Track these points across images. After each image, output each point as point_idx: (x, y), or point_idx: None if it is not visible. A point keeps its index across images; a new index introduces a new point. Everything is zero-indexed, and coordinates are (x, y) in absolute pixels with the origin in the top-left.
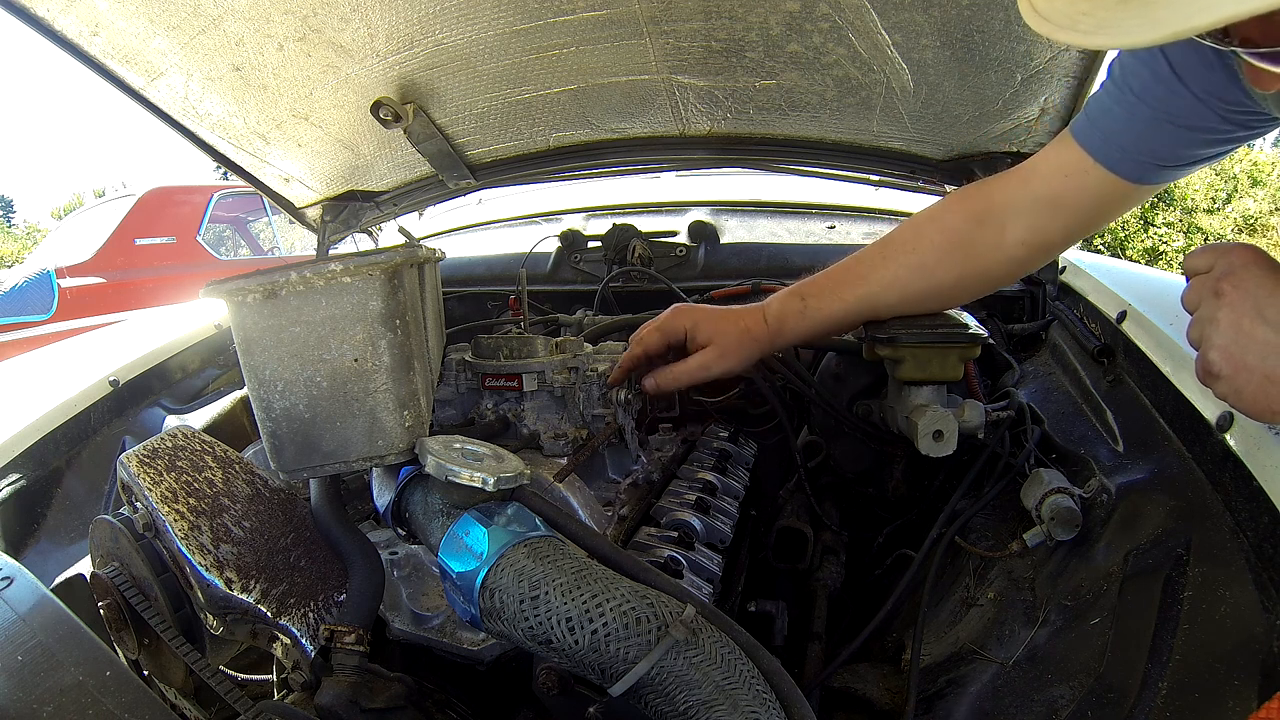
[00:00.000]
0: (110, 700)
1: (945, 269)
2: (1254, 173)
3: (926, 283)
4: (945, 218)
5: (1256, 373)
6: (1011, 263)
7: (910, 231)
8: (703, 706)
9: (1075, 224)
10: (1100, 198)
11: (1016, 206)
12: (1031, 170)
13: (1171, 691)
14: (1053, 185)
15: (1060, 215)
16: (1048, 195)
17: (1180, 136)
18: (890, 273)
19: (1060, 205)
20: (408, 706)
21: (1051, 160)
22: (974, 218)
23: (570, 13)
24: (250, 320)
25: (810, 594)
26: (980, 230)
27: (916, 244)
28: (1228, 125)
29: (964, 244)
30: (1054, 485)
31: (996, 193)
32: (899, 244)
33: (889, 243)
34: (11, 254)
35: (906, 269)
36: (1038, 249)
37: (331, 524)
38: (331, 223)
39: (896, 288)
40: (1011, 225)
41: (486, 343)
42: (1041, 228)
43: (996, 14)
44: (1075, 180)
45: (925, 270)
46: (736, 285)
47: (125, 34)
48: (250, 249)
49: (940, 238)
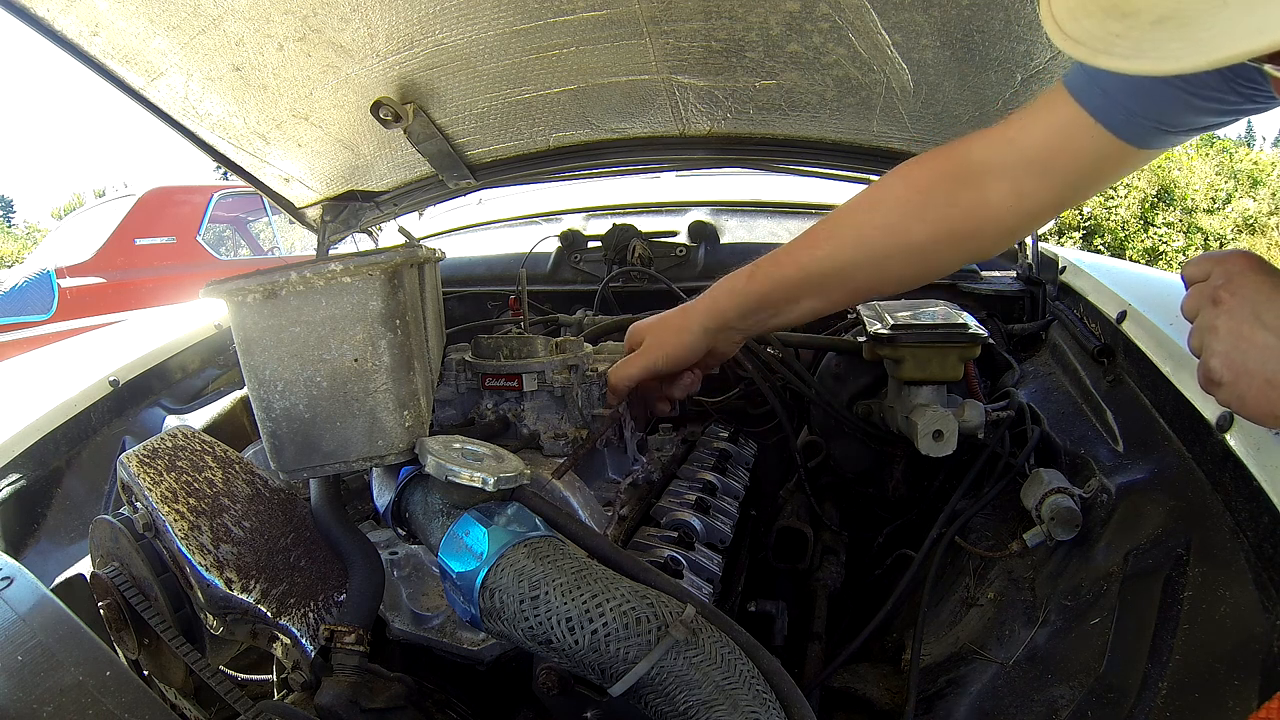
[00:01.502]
0: (110, 700)
1: (916, 228)
2: (1254, 173)
3: (894, 242)
4: (915, 174)
5: (1257, 377)
6: (998, 227)
7: (875, 189)
8: (703, 706)
9: (1066, 188)
10: (1096, 159)
11: (1001, 167)
12: (1018, 130)
13: (1171, 691)
14: (1045, 145)
15: (1051, 177)
16: (1039, 157)
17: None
18: (852, 232)
19: (1051, 167)
20: (408, 706)
21: (1042, 119)
22: (950, 176)
23: (570, 13)
24: (250, 320)
25: (810, 594)
26: (958, 189)
27: (880, 201)
28: (1236, 97)
29: (938, 203)
30: (1054, 485)
31: (976, 151)
32: (862, 200)
33: (852, 201)
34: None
35: (872, 228)
36: (1025, 214)
37: (331, 524)
38: (331, 223)
39: (860, 249)
40: (995, 187)
41: (486, 343)
42: (1030, 190)
43: (996, 14)
44: (1069, 140)
45: (891, 230)
46: None
47: (125, 34)
48: (250, 249)
49: (909, 195)
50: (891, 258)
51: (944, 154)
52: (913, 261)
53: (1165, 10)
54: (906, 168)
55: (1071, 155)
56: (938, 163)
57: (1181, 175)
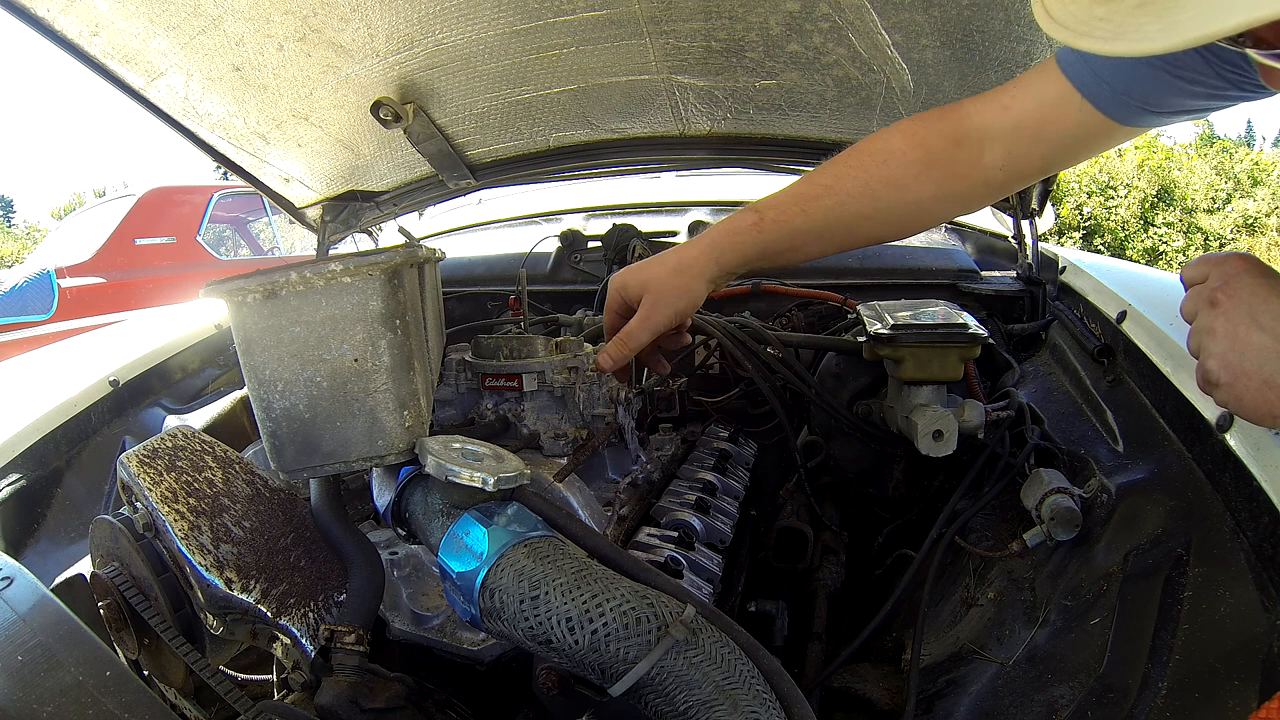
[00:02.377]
0: (110, 700)
1: (920, 185)
2: (1255, 173)
3: (900, 196)
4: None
5: (1255, 378)
6: (988, 185)
7: (877, 145)
8: (703, 706)
9: (1054, 155)
10: (1083, 132)
11: (996, 132)
12: (1012, 98)
13: (1171, 691)
14: (1036, 115)
15: (1040, 145)
16: (1030, 125)
17: (1172, 85)
18: (860, 184)
19: (1041, 135)
20: (408, 706)
21: (1035, 90)
22: (950, 138)
23: (570, 13)
24: (250, 320)
25: (810, 594)
26: (957, 150)
27: (888, 157)
28: (1220, 82)
29: (941, 162)
30: (1054, 485)
31: (974, 115)
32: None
33: (856, 153)
34: (11, 254)
35: (880, 182)
36: (1014, 174)
37: (331, 524)
38: (331, 223)
39: (868, 200)
40: (989, 149)
41: (486, 343)
42: (1021, 155)
43: (996, 14)
44: (1059, 112)
45: (897, 184)
46: (736, 285)
47: (125, 34)
48: (250, 249)
49: (915, 153)
50: (895, 210)
51: (944, 114)
52: (914, 213)
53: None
54: (909, 124)
55: (1058, 126)
56: (939, 124)
57: (1181, 175)
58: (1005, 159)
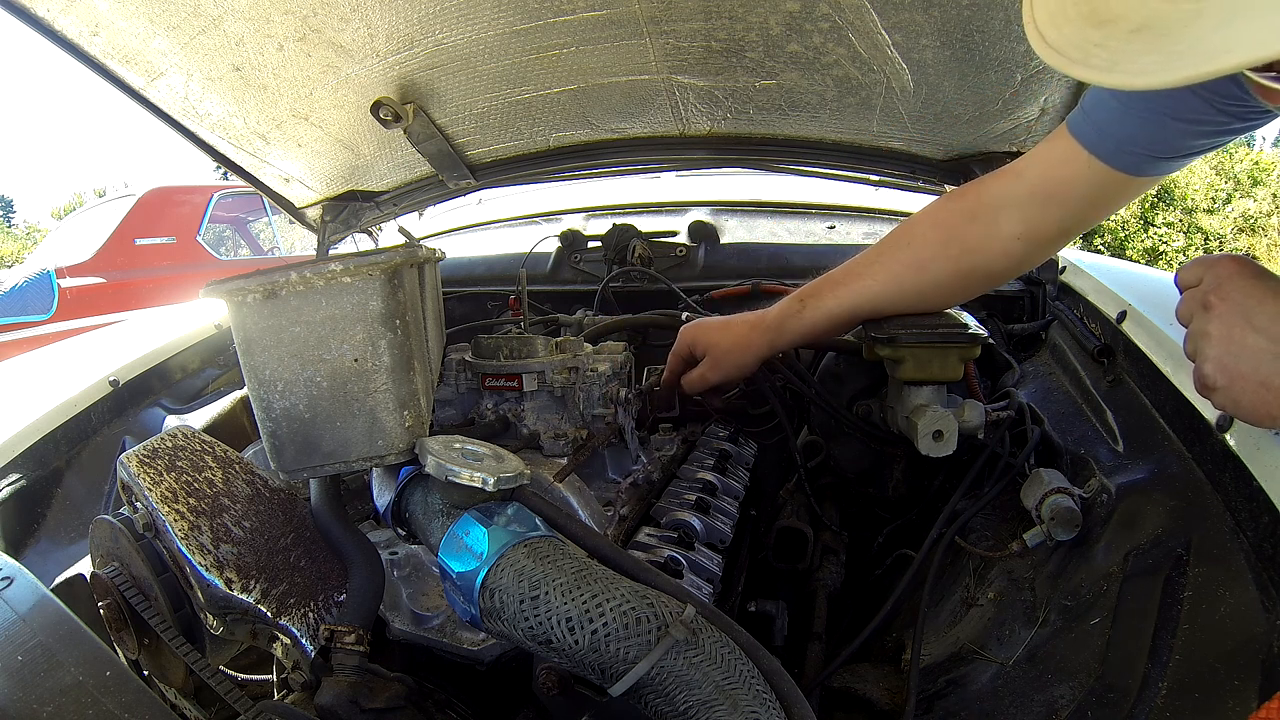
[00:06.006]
0: (110, 700)
1: (940, 264)
2: (1255, 173)
3: (922, 278)
4: (939, 214)
5: (1251, 380)
6: (1008, 257)
7: (905, 229)
8: (703, 706)
9: (1070, 216)
10: (1095, 190)
11: (1010, 200)
12: (1025, 164)
13: (1171, 691)
14: (1046, 177)
15: (1055, 208)
16: (1042, 188)
17: (1175, 129)
18: (886, 269)
19: (1054, 198)
20: (408, 706)
21: (1045, 154)
22: (966, 213)
23: (570, 13)
24: (250, 320)
25: (810, 594)
26: (973, 225)
27: (911, 239)
28: (1223, 117)
29: (958, 239)
30: (1054, 485)
31: (990, 187)
32: (894, 241)
33: (885, 241)
34: (11, 254)
35: (902, 265)
36: (1034, 243)
37: (331, 524)
38: (331, 223)
39: (893, 284)
40: (1005, 219)
41: (486, 343)
42: (1036, 221)
43: (996, 14)
44: (1069, 171)
45: (920, 266)
46: (736, 285)
47: (125, 34)
48: (250, 249)
49: (934, 233)
50: (922, 291)
51: (963, 191)
52: (939, 293)
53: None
54: (934, 206)
55: (1070, 186)
56: (958, 201)
57: (1181, 175)
58: (1022, 227)
